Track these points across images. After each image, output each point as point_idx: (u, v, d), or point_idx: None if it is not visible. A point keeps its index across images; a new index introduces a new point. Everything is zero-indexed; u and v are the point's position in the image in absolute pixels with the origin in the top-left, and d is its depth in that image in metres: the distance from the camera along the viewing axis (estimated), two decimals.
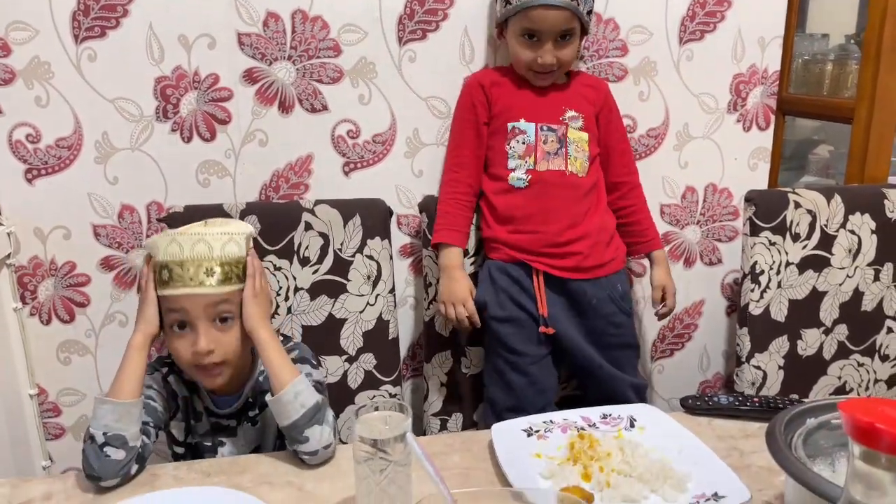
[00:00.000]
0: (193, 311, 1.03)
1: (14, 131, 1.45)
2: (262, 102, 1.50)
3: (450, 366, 1.55)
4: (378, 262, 1.49)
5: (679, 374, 1.82)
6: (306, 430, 1.01)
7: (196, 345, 1.03)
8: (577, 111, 1.45)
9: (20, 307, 1.53)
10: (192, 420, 1.16)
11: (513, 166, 1.44)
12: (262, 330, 1.05)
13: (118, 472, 0.97)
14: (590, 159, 1.46)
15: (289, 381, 1.03)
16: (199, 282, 1.03)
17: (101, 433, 0.97)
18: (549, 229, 1.42)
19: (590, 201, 1.46)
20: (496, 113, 1.46)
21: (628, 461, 1.00)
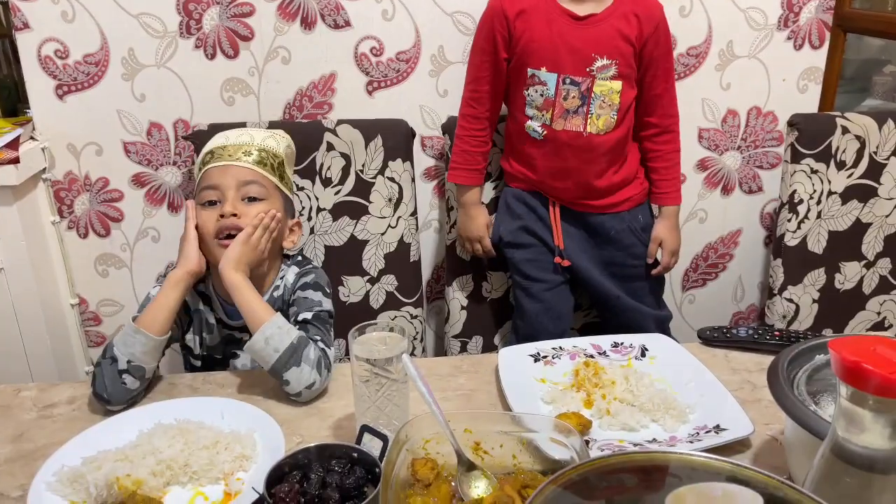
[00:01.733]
0: (225, 184, 1.09)
1: (43, 46, 1.46)
2: (285, 18, 1.47)
3: (471, 289, 1.55)
4: (400, 185, 1.47)
5: (711, 304, 1.78)
6: (285, 373, 0.99)
7: (223, 208, 1.08)
8: (611, 57, 1.31)
9: (58, 220, 1.59)
10: (204, 332, 1.19)
11: (530, 115, 1.36)
12: (230, 272, 1.05)
13: (127, 399, 0.99)
14: (620, 111, 1.34)
15: (261, 325, 1.02)
16: (237, 158, 1.12)
17: (125, 360, 0.99)
18: (561, 185, 1.38)
19: (609, 159, 1.37)
20: (518, 52, 1.34)
21: (632, 390, 0.99)
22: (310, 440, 0.93)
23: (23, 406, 1.01)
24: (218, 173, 1.10)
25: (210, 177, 1.11)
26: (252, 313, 1.03)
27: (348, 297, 1.52)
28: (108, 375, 0.98)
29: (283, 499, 0.74)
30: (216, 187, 1.10)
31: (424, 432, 0.81)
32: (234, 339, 1.19)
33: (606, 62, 1.31)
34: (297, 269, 1.18)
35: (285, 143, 1.20)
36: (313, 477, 0.78)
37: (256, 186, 1.11)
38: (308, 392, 1.01)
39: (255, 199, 1.11)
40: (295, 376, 1.00)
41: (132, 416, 0.95)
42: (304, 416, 0.99)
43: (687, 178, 1.66)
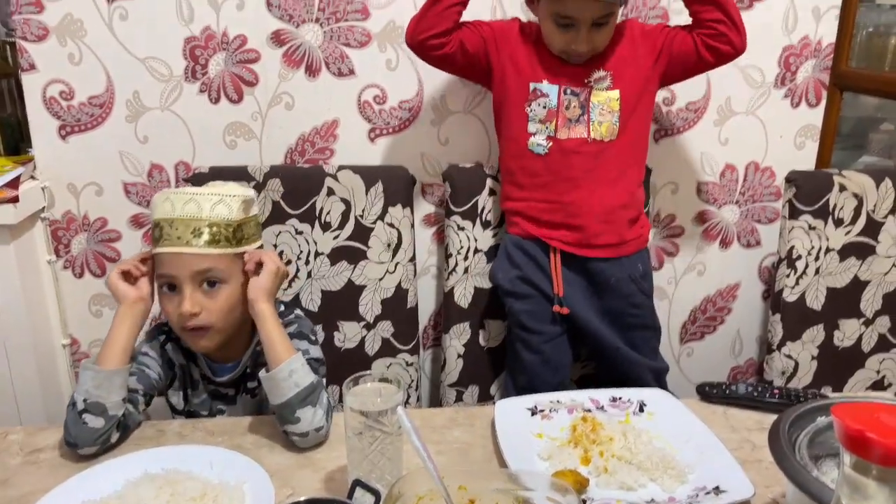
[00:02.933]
0: (180, 276, 1.04)
1: (48, 87, 1.48)
2: (290, 65, 1.49)
3: (468, 337, 1.54)
4: (399, 230, 1.47)
5: (709, 358, 1.77)
6: (299, 410, 0.98)
7: (181, 306, 1.04)
8: (606, 69, 1.33)
9: (54, 260, 1.58)
10: (189, 388, 1.17)
11: (533, 130, 1.35)
12: (262, 303, 1.04)
13: (95, 440, 0.97)
14: (622, 117, 1.34)
15: (285, 359, 1.01)
16: (186, 241, 1.03)
17: (81, 399, 0.98)
18: (568, 199, 1.35)
19: (616, 168, 1.36)
20: (519, 68, 1.35)
21: (630, 447, 0.97)
22: (301, 492, 0.91)
23: (9, 450, 1.00)
24: (170, 261, 1.04)
25: (163, 263, 1.04)
26: (276, 345, 1.02)
27: (343, 343, 1.51)
28: (70, 420, 0.98)
29: None
30: (171, 277, 1.04)
31: (418, 488, 0.79)
32: (220, 394, 1.17)
33: (602, 73, 1.34)
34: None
35: (238, 201, 1.07)
36: None
37: (214, 271, 1.05)
38: (315, 435, 0.99)
39: (214, 283, 1.05)
40: (308, 416, 0.99)
41: (119, 463, 0.93)
42: (296, 467, 0.97)
43: (685, 230, 1.67)
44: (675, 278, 1.70)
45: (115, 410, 0.99)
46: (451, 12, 1.30)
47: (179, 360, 1.16)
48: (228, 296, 1.07)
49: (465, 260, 1.51)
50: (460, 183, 1.50)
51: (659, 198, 1.63)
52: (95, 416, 0.97)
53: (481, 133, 1.56)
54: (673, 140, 1.61)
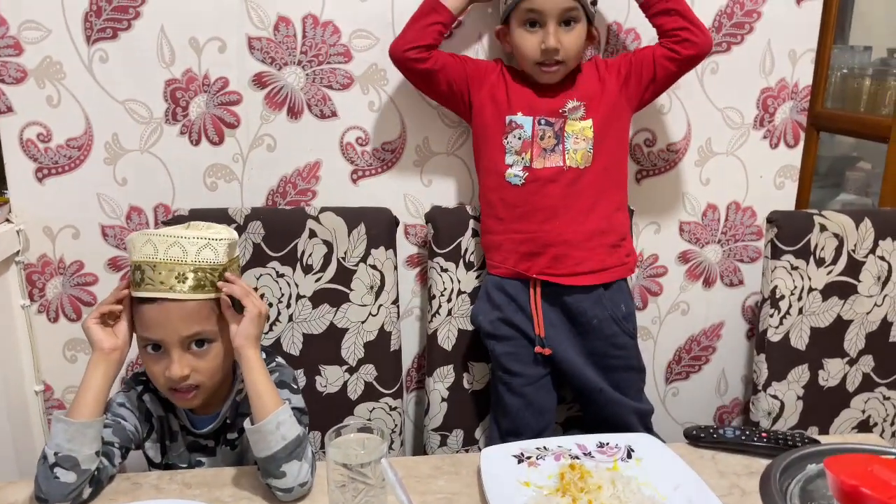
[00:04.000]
0: (167, 339, 1.00)
1: (25, 130, 1.46)
2: (271, 107, 1.49)
3: (452, 380, 1.51)
4: (382, 272, 1.46)
5: (694, 397, 1.75)
6: (284, 464, 0.95)
7: (169, 370, 1.00)
8: (580, 99, 1.36)
9: (28, 304, 1.54)
10: (167, 440, 1.13)
11: (510, 162, 1.37)
12: (249, 349, 1.01)
13: (67, 496, 0.93)
14: (595, 145, 1.36)
15: (272, 410, 0.97)
16: (170, 287, 0.99)
17: (52, 453, 0.94)
18: (546, 227, 1.36)
19: (593, 194, 1.37)
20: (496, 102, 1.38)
21: (619, 496, 0.95)
22: None
23: None
24: (155, 318, 0.99)
25: (147, 324, 1.00)
26: (262, 395, 0.98)
27: (325, 388, 1.48)
28: (41, 474, 0.94)
29: None
30: (157, 340, 1.01)
31: None
32: (199, 446, 1.13)
33: (576, 104, 1.37)
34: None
35: (224, 245, 1.04)
36: None
37: (203, 334, 1.02)
38: (299, 490, 0.96)
39: (203, 342, 1.03)
40: (294, 470, 0.96)
41: None
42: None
43: (669, 270, 1.67)
44: (659, 318, 1.69)
45: (88, 464, 0.95)
46: (432, 29, 1.35)
47: (158, 411, 1.12)
48: (218, 353, 1.04)
49: (449, 302, 1.50)
50: (443, 224, 1.49)
51: (642, 238, 1.63)
52: (67, 470, 0.93)
53: (464, 174, 1.56)
54: (654, 180, 1.61)
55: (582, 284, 1.38)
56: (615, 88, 1.39)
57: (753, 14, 1.55)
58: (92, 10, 1.41)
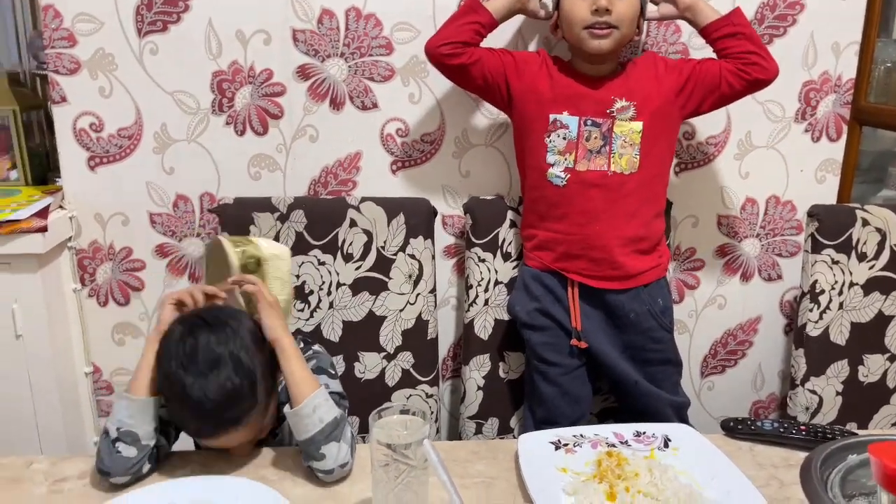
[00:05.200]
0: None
1: (78, 120, 1.51)
2: (314, 99, 1.52)
3: (488, 369, 1.53)
4: (420, 262, 1.48)
5: (730, 392, 1.75)
6: (323, 446, 0.98)
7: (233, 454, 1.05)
8: (630, 99, 1.33)
9: (79, 288, 1.60)
10: None
11: (552, 161, 1.36)
12: (283, 339, 1.03)
13: (128, 470, 0.97)
14: (643, 150, 1.34)
15: (308, 394, 1.00)
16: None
17: (114, 428, 0.98)
18: (586, 231, 1.36)
19: (636, 201, 1.36)
20: (539, 98, 1.36)
21: (656, 483, 0.96)
22: None
23: (33, 480, 1.00)
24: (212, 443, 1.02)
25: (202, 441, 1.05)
26: (299, 381, 1.01)
27: (363, 374, 1.51)
28: (104, 449, 0.98)
29: None
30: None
31: None
32: None
33: (625, 104, 1.34)
34: None
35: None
36: None
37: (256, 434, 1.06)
38: (340, 471, 0.99)
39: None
40: (333, 452, 0.98)
41: (145, 494, 0.93)
42: (320, 500, 0.97)
43: (706, 263, 1.67)
44: (695, 311, 1.69)
45: (148, 440, 0.99)
46: (469, 28, 1.34)
47: None
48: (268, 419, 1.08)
49: (486, 292, 1.51)
50: (481, 215, 1.51)
51: (679, 231, 1.63)
52: (128, 445, 0.97)
53: (502, 166, 1.58)
54: (693, 174, 1.61)
55: (618, 288, 1.39)
56: (672, 91, 1.35)
57: (797, 6, 1.54)
58: (143, 4, 1.45)
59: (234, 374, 0.97)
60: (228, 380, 0.96)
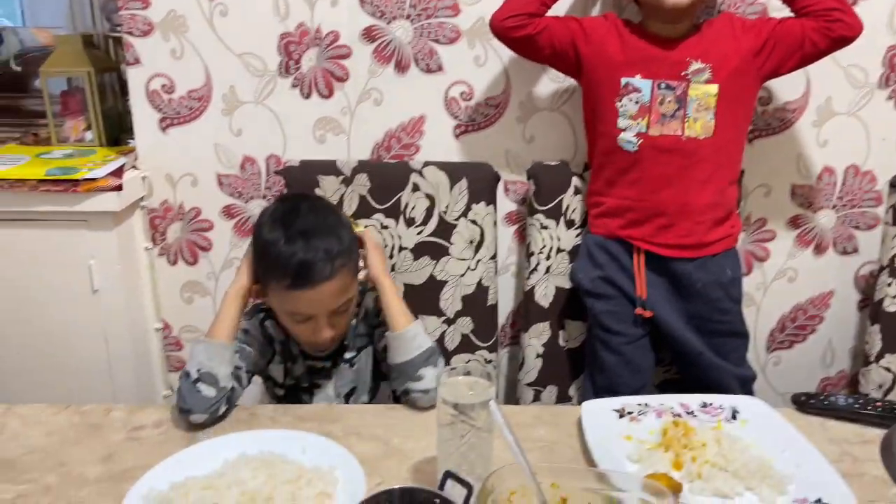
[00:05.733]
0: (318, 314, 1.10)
1: (151, 81, 1.54)
2: (379, 61, 1.51)
3: (548, 337, 1.52)
4: (481, 227, 1.48)
5: (797, 368, 1.70)
6: (422, 368, 1.07)
7: (317, 334, 1.11)
8: (706, 61, 1.29)
9: (151, 247, 1.65)
10: (288, 363, 1.22)
11: (623, 126, 1.33)
12: (383, 278, 1.14)
13: (208, 409, 1.02)
14: (717, 115, 1.30)
15: (409, 323, 1.11)
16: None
17: (195, 370, 1.05)
18: (657, 197, 1.33)
19: (710, 167, 1.32)
20: (610, 61, 1.32)
21: (724, 454, 0.94)
22: (389, 481, 0.92)
23: (112, 426, 1.04)
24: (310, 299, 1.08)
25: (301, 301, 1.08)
26: (398, 313, 1.12)
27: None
28: (185, 389, 1.04)
29: None
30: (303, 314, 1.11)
31: (509, 483, 0.79)
32: (317, 369, 1.22)
33: (701, 66, 1.29)
34: (373, 295, 1.21)
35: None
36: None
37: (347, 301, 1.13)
38: (433, 395, 1.04)
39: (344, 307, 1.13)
40: (430, 374, 1.08)
41: (217, 444, 0.96)
42: (384, 456, 0.98)
43: (777, 235, 1.61)
44: (764, 284, 1.64)
45: (225, 382, 1.05)
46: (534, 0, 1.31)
47: (279, 336, 1.21)
48: (351, 306, 1.15)
49: (548, 259, 1.50)
50: (545, 181, 1.49)
51: (750, 200, 1.58)
52: (208, 385, 1.03)
53: (567, 131, 1.55)
54: (768, 141, 1.55)
55: (686, 257, 1.35)
56: (750, 53, 1.31)
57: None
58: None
59: (331, 233, 1.08)
60: (325, 234, 1.08)
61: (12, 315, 1.55)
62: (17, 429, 1.02)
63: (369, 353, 1.23)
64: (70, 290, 1.52)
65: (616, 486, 0.79)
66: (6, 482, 0.90)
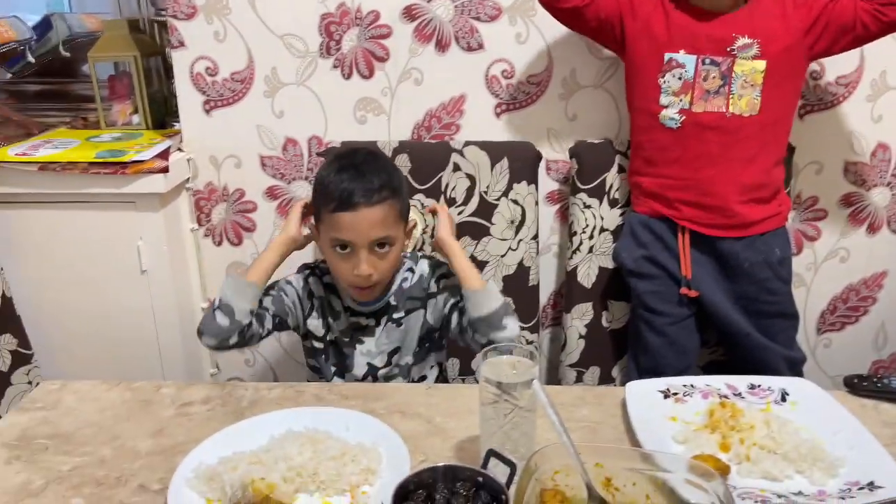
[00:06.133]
0: (356, 242, 1.12)
1: (195, 64, 1.56)
2: (420, 40, 1.50)
3: (591, 318, 1.51)
4: (523, 207, 1.47)
5: (848, 350, 1.66)
6: (505, 318, 1.12)
7: (357, 268, 1.12)
8: (753, 37, 1.25)
9: (196, 228, 1.68)
10: (330, 318, 1.24)
11: (665, 103, 1.30)
12: (450, 239, 1.19)
13: (217, 335, 1.12)
14: (764, 92, 1.27)
15: (481, 282, 1.15)
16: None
17: (218, 299, 1.14)
18: (700, 176, 1.30)
19: (755, 146, 1.29)
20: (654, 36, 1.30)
21: (774, 436, 0.92)
22: (432, 459, 0.92)
23: (162, 403, 1.07)
24: (350, 222, 1.11)
25: (343, 223, 1.11)
26: (471, 272, 1.16)
27: None
28: (206, 315, 1.15)
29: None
30: (349, 241, 1.12)
31: (553, 463, 0.79)
32: (361, 326, 1.24)
33: (748, 41, 1.26)
34: (428, 262, 1.25)
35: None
36: (438, 497, 0.77)
37: (388, 238, 1.14)
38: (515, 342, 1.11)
39: (384, 244, 1.14)
40: (512, 323, 1.14)
41: (264, 420, 0.97)
42: (427, 434, 0.99)
43: (828, 213, 1.57)
44: (814, 264, 1.60)
45: (241, 317, 1.12)
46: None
47: (319, 292, 1.24)
48: (395, 255, 1.16)
49: (591, 239, 1.48)
50: (588, 160, 1.47)
51: (801, 178, 1.54)
52: (224, 315, 1.12)
53: (611, 108, 1.52)
54: (819, 116, 1.50)
55: (732, 236, 1.32)
56: (800, 29, 1.26)
57: None
58: None
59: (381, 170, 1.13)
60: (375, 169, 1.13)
61: (65, 295, 1.60)
62: (72, 404, 1.05)
63: (419, 316, 1.23)
64: (119, 270, 1.56)
65: (662, 467, 0.78)
66: (63, 454, 0.93)
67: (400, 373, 1.24)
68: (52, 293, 1.60)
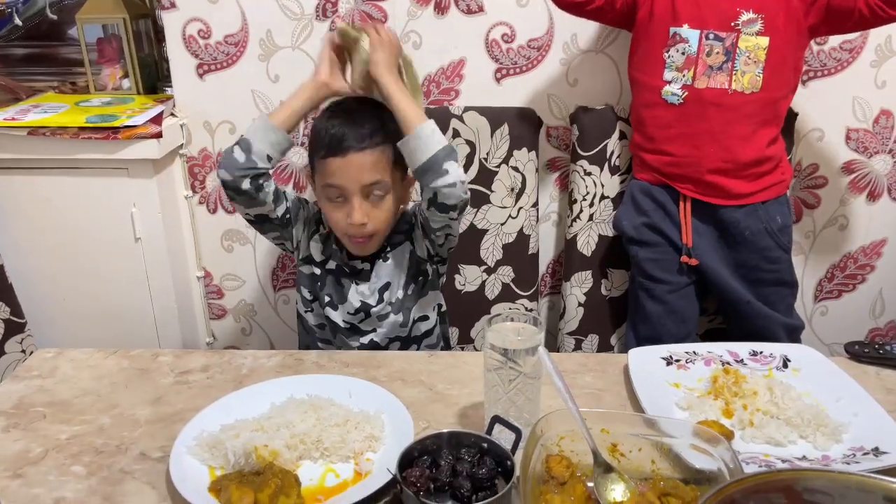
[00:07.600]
0: (348, 188, 1.10)
1: (187, 26, 1.52)
2: (419, 2, 1.47)
3: (590, 286, 1.50)
4: (523, 175, 1.45)
5: (845, 318, 1.66)
6: (445, 163, 1.05)
7: (350, 216, 1.10)
8: (758, 12, 1.24)
9: (190, 195, 1.65)
10: (334, 245, 1.21)
11: (669, 78, 1.29)
12: (385, 76, 1.09)
13: (230, 170, 1.09)
14: (766, 69, 1.26)
15: (424, 120, 1.07)
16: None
17: (241, 136, 1.12)
18: (700, 152, 1.29)
19: (755, 123, 1.28)
20: (658, 10, 1.29)
21: (777, 402, 0.92)
22: (435, 426, 0.92)
23: (160, 371, 1.06)
24: (340, 167, 1.09)
25: (332, 169, 1.10)
26: (408, 113, 1.07)
27: (464, 286, 1.51)
28: (226, 149, 1.12)
29: (415, 483, 0.73)
30: (339, 187, 1.11)
31: (559, 428, 0.79)
32: (356, 270, 1.21)
33: (752, 16, 1.24)
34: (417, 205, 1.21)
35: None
36: (443, 464, 0.77)
37: (380, 184, 1.11)
38: (461, 187, 1.06)
39: (379, 194, 1.12)
40: (454, 168, 1.06)
41: (265, 388, 0.96)
42: (429, 401, 0.98)
43: (829, 181, 1.56)
44: (813, 232, 1.59)
45: (258, 157, 1.10)
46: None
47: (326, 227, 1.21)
48: (390, 204, 1.14)
49: (591, 206, 1.47)
50: (589, 126, 1.45)
51: (802, 145, 1.52)
52: (242, 150, 1.10)
53: (612, 73, 1.50)
54: (822, 82, 1.49)
55: (733, 204, 1.32)
56: (802, 7, 1.25)
57: None
58: None
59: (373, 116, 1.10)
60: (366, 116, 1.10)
61: (59, 263, 1.57)
62: (69, 372, 1.04)
63: (405, 249, 1.21)
64: (113, 237, 1.54)
65: (667, 433, 0.78)
66: (61, 423, 0.92)
67: (393, 309, 1.21)
68: (44, 261, 1.57)
